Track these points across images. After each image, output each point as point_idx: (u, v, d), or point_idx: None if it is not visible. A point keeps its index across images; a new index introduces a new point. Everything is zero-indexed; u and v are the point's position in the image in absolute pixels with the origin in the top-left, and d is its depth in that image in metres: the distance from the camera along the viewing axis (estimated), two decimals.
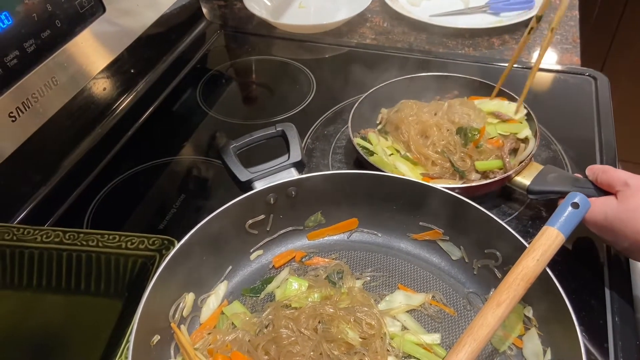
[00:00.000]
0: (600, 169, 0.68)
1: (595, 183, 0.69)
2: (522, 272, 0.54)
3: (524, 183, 0.75)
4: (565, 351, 0.56)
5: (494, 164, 0.78)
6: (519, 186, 0.76)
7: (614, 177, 0.65)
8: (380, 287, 0.68)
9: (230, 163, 0.71)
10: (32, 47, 0.75)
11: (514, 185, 0.76)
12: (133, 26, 0.98)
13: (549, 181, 0.74)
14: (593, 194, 0.67)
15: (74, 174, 0.86)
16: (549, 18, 1.25)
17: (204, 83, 1.10)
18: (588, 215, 0.64)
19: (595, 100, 0.98)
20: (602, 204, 0.64)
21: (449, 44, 1.18)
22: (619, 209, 0.62)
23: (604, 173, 0.67)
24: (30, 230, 0.68)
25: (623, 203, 0.62)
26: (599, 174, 0.68)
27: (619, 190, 0.64)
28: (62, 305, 0.64)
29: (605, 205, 0.64)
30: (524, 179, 0.75)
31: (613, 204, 0.63)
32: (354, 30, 1.25)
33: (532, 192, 0.74)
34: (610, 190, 0.66)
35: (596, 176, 0.68)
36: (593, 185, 0.69)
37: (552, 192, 0.72)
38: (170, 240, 0.65)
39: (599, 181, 0.68)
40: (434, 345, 0.61)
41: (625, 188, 0.63)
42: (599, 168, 0.69)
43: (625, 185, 0.63)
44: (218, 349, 0.58)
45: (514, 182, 0.76)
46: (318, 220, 0.73)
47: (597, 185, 0.68)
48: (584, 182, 0.70)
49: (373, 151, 0.82)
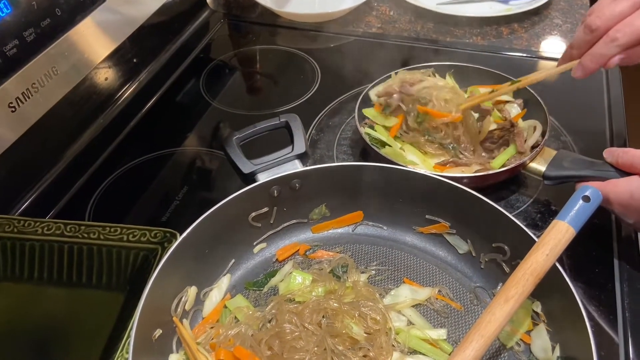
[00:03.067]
0: (620, 150, 0.67)
1: (615, 165, 0.67)
2: (532, 267, 0.53)
3: (539, 169, 0.73)
4: (575, 347, 0.55)
5: (508, 153, 0.77)
6: (534, 172, 0.74)
7: (637, 155, 0.64)
8: (386, 281, 0.67)
9: (233, 155, 0.70)
10: (32, 36, 0.74)
11: (528, 171, 0.74)
12: (135, 15, 0.96)
13: (565, 166, 0.72)
14: (613, 176, 0.66)
15: (75, 165, 0.85)
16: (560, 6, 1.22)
17: (207, 73, 1.08)
18: (612, 196, 0.63)
19: (607, 90, 0.96)
20: (626, 183, 0.63)
21: (457, 33, 1.16)
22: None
23: (626, 153, 0.66)
24: (31, 222, 0.67)
25: None
26: (620, 155, 0.66)
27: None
28: (63, 299, 0.64)
29: (629, 184, 0.63)
30: (539, 165, 0.73)
31: (638, 182, 0.62)
32: (360, 19, 1.23)
33: (548, 177, 0.72)
34: (633, 170, 0.65)
35: (617, 158, 0.67)
36: (612, 168, 0.67)
37: (570, 177, 0.70)
38: (173, 233, 0.64)
39: (620, 162, 0.66)
40: (440, 340, 0.60)
41: None
42: (619, 149, 0.67)
43: None
44: (221, 344, 0.58)
45: (529, 169, 0.74)
46: (322, 213, 0.72)
47: (617, 167, 0.67)
48: (601, 165, 0.68)
49: (385, 142, 0.80)
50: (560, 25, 1.16)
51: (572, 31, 1.14)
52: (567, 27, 1.15)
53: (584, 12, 1.20)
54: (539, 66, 1.03)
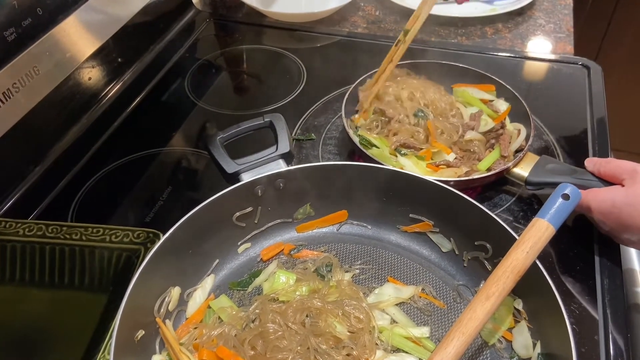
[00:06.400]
0: (602, 160, 0.68)
1: (596, 174, 0.69)
2: (512, 264, 0.54)
3: (522, 175, 0.74)
4: (555, 344, 0.55)
5: (493, 157, 0.77)
6: (517, 177, 0.75)
7: (619, 166, 0.66)
8: (370, 280, 0.67)
9: (216, 154, 0.70)
10: (13, 36, 0.73)
11: (511, 176, 0.75)
12: (119, 14, 0.95)
13: (547, 172, 0.73)
14: (595, 185, 0.68)
15: (58, 165, 0.84)
16: (543, 7, 1.24)
17: (192, 73, 1.08)
18: (593, 204, 0.64)
19: (589, 89, 0.97)
20: (608, 191, 0.64)
21: (441, 33, 1.17)
22: (628, 194, 0.62)
23: (608, 163, 0.67)
24: (12, 223, 0.66)
25: (631, 188, 0.63)
26: (603, 165, 0.68)
27: (625, 179, 0.64)
28: (45, 300, 0.63)
29: (611, 193, 0.64)
30: (522, 170, 0.74)
31: (620, 191, 0.64)
32: (346, 18, 1.23)
33: (530, 183, 0.74)
34: (614, 180, 0.66)
35: (598, 167, 0.68)
36: (593, 177, 0.69)
37: (551, 184, 0.72)
38: (156, 233, 0.64)
39: (602, 172, 0.68)
40: (423, 338, 0.60)
41: (633, 174, 0.63)
42: (601, 160, 0.69)
43: (634, 171, 0.64)
44: (204, 344, 0.58)
45: (512, 174, 0.75)
46: (307, 212, 0.72)
47: (598, 177, 0.68)
48: (583, 173, 0.70)
49: (372, 143, 0.80)
50: (544, 26, 1.17)
51: (556, 31, 1.16)
52: (550, 27, 1.17)
53: (567, 12, 1.21)
54: (523, 66, 1.04)
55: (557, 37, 1.14)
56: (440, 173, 0.76)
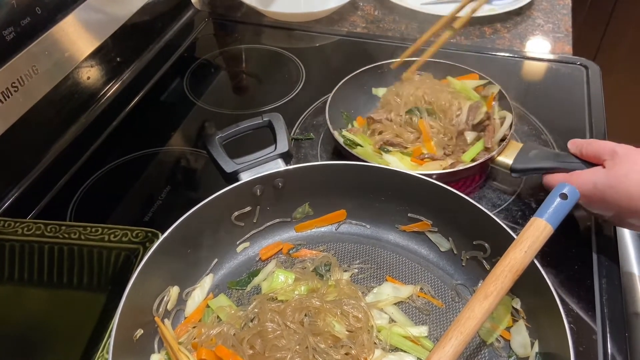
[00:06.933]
0: (584, 142, 0.69)
1: (579, 156, 0.69)
2: (510, 264, 0.54)
3: (507, 162, 0.75)
4: (553, 343, 0.55)
5: (477, 148, 0.78)
6: (502, 166, 0.75)
7: (600, 146, 0.66)
8: (368, 280, 0.67)
9: (215, 154, 0.70)
10: (11, 35, 0.73)
11: (497, 165, 0.76)
12: (118, 13, 0.95)
13: (531, 158, 0.73)
14: (578, 167, 0.68)
15: (57, 165, 0.84)
16: (542, 6, 1.24)
17: (191, 72, 1.08)
18: (576, 187, 0.64)
19: (587, 89, 0.97)
20: (589, 174, 0.65)
21: (440, 33, 1.16)
22: (609, 175, 0.62)
23: (589, 145, 0.68)
24: (11, 222, 0.66)
25: (612, 170, 0.63)
26: (584, 146, 0.68)
27: (606, 160, 0.64)
28: (44, 299, 0.63)
29: (593, 175, 0.64)
30: (506, 158, 0.75)
31: (601, 172, 0.64)
32: (345, 18, 1.23)
33: (515, 170, 0.74)
34: (596, 161, 0.67)
35: (580, 149, 0.69)
36: (576, 159, 0.69)
37: (536, 169, 0.72)
38: (154, 233, 0.64)
39: (584, 153, 0.68)
40: (422, 337, 0.60)
41: (613, 155, 0.63)
42: (583, 140, 0.69)
43: (614, 152, 0.64)
44: (202, 343, 0.58)
45: (497, 162, 0.76)
46: (306, 211, 0.72)
47: (582, 158, 0.69)
48: (566, 157, 0.70)
49: (357, 143, 0.80)
50: (542, 26, 1.18)
51: (554, 31, 1.16)
52: (549, 27, 1.17)
53: (566, 12, 1.22)
54: (521, 66, 1.04)
55: (555, 37, 1.14)
56: (425, 167, 0.76)
